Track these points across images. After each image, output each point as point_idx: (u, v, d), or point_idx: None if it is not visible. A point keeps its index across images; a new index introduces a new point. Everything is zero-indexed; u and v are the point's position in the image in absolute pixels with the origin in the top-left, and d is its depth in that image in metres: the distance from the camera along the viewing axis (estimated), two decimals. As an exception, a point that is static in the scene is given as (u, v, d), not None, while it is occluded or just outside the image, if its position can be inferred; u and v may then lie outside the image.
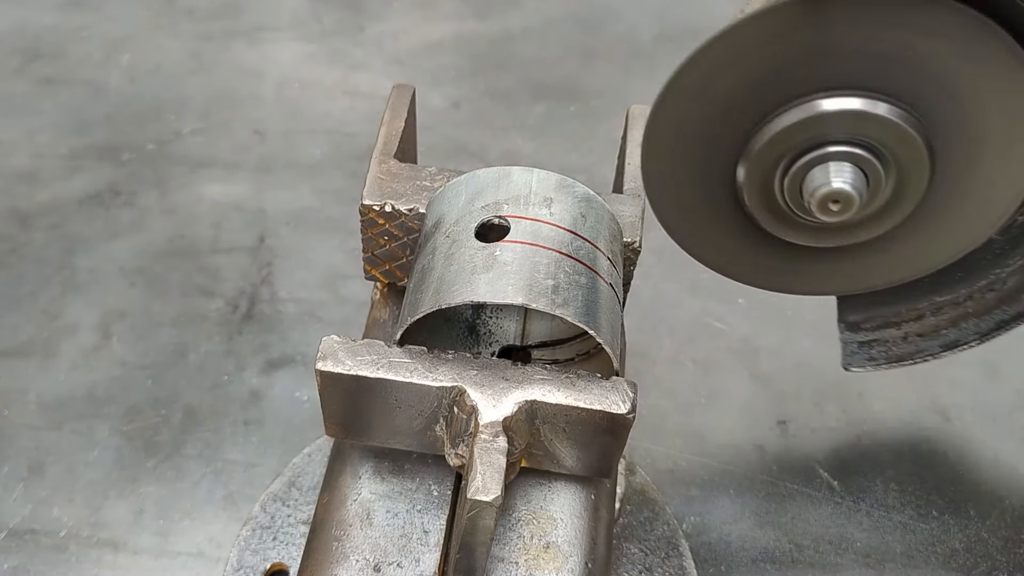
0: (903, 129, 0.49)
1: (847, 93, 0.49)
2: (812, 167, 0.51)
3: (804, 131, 0.50)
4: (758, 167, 0.53)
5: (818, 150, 0.51)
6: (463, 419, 0.64)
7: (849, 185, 0.50)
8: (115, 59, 1.56)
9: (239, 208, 1.32)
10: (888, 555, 0.99)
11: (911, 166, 0.51)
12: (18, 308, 1.17)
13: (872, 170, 0.51)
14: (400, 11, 1.72)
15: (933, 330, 0.65)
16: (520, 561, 0.68)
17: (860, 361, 0.69)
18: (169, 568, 0.95)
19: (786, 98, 0.50)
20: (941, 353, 0.66)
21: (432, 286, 0.65)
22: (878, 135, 0.50)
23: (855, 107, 0.49)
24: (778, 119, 0.50)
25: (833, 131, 0.50)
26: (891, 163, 0.51)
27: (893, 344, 0.68)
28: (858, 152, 0.50)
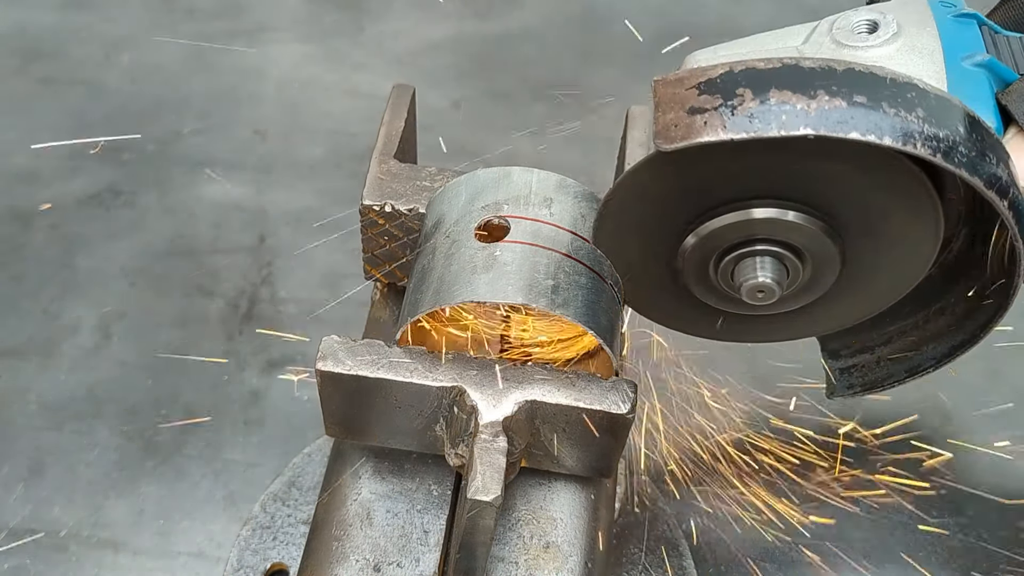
0: (814, 232, 0.58)
1: (773, 203, 0.57)
2: (741, 260, 0.60)
3: (736, 231, 0.59)
4: (695, 256, 0.61)
5: (747, 247, 0.59)
6: (463, 419, 0.64)
7: (771, 279, 0.59)
8: (115, 59, 1.56)
9: (239, 208, 1.32)
10: (888, 555, 0.99)
11: (823, 258, 0.60)
12: (18, 308, 1.17)
13: (791, 263, 0.59)
14: (400, 11, 1.72)
15: (900, 353, 0.70)
16: (520, 561, 0.68)
17: (841, 389, 0.73)
18: (169, 568, 0.95)
19: (725, 200, 0.58)
20: (906, 378, 0.69)
21: (432, 286, 0.65)
22: (793, 236, 0.58)
23: (772, 215, 0.57)
24: (715, 219, 0.59)
25: (760, 231, 0.59)
26: (807, 256, 0.59)
27: (868, 369, 0.72)
28: (778, 250, 0.59)
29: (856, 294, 0.64)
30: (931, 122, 0.51)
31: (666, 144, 0.52)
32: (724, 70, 0.52)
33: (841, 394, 0.73)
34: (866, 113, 0.50)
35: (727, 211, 0.58)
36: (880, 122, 0.50)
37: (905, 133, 0.50)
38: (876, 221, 0.58)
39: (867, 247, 0.60)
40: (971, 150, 0.51)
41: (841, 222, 0.58)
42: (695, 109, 0.51)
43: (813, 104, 0.50)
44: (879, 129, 0.50)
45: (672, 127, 0.52)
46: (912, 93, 0.51)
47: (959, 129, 0.52)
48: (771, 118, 0.50)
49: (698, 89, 0.52)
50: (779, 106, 0.50)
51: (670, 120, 0.52)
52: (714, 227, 0.58)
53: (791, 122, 0.50)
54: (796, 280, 0.60)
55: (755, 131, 0.50)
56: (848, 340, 0.72)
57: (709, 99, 0.51)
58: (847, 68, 0.52)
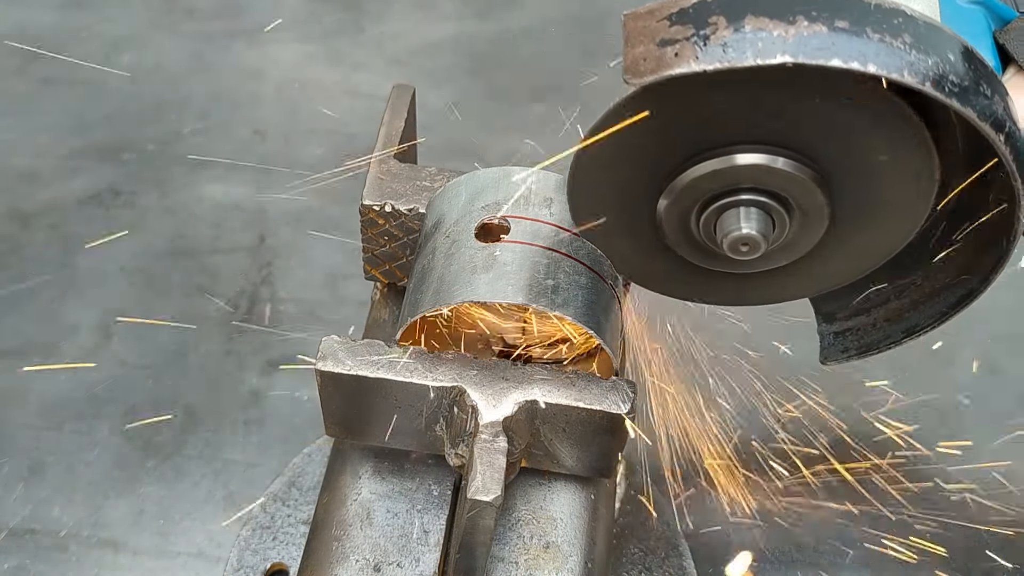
0: (801, 180, 0.54)
1: (757, 149, 0.54)
2: (724, 211, 0.56)
3: (717, 180, 0.55)
4: (675, 209, 0.57)
5: (729, 196, 0.56)
6: (463, 419, 0.64)
7: (756, 230, 0.55)
8: (115, 59, 1.56)
9: (239, 208, 1.32)
10: (888, 555, 0.99)
11: (811, 209, 0.56)
12: (18, 308, 1.17)
13: (777, 215, 0.56)
14: (400, 11, 1.72)
15: (897, 314, 0.66)
16: (520, 561, 0.68)
17: (835, 353, 0.70)
18: (169, 568, 0.95)
19: (705, 148, 0.55)
20: (903, 339, 0.66)
21: (432, 286, 0.65)
22: (780, 184, 0.55)
23: (759, 161, 0.54)
24: (697, 167, 0.55)
25: (743, 180, 0.55)
26: (794, 207, 0.56)
27: (864, 332, 0.69)
28: (763, 200, 0.55)
29: (849, 249, 0.61)
30: (919, 49, 0.47)
31: (634, 79, 0.49)
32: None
33: (835, 359, 0.70)
34: (849, 39, 0.47)
35: (708, 158, 0.55)
36: (864, 48, 0.47)
37: (891, 60, 0.47)
38: (867, 168, 0.55)
39: (858, 197, 0.56)
40: (963, 80, 0.48)
41: (830, 169, 0.55)
42: (666, 41, 0.49)
43: (791, 30, 0.47)
44: (863, 56, 0.47)
45: (641, 61, 0.49)
46: (899, 19, 0.48)
47: (949, 57, 0.48)
48: (746, 46, 0.47)
49: (669, 20, 0.49)
50: (755, 33, 0.47)
51: (639, 54, 0.49)
52: (695, 175, 0.55)
53: (768, 50, 0.47)
54: (783, 233, 0.57)
55: (729, 61, 0.47)
56: (845, 301, 0.69)
57: (681, 29, 0.49)
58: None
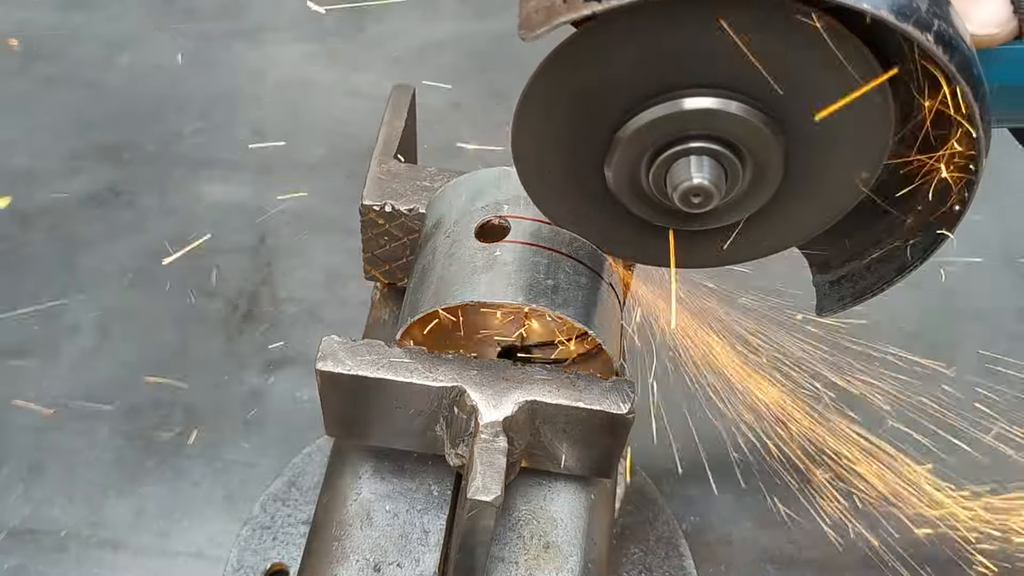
0: (755, 125, 0.52)
1: (705, 92, 0.52)
2: (673, 161, 0.54)
3: (665, 126, 0.53)
4: (624, 160, 0.55)
5: (679, 144, 0.53)
6: (463, 419, 0.64)
7: (708, 180, 0.53)
8: (115, 59, 1.56)
9: (239, 208, 1.32)
10: (889, 556, 0.99)
11: (766, 158, 0.54)
12: (18, 308, 1.17)
13: (730, 164, 0.54)
14: (400, 11, 1.72)
15: (889, 253, 0.65)
16: (520, 561, 0.68)
17: (831, 304, 0.68)
18: (169, 568, 0.95)
19: (650, 94, 0.52)
20: (895, 278, 0.64)
21: (432, 286, 0.65)
22: (733, 131, 0.53)
23: (709, 105, 0.52)
24: (642, 114, 0.53)
25: (692, 127, 0.53)
26: (747, 156, 0.54)
27: (859, 277, 0.67)
28: (716, 148, 0.53)
29: (811, 197, 0.58)
30: None
31: (527, 32, 0.48)
32: None
33: (831, 308, 0.68)
34: None
35: (655, 104, 0.52)
36: None
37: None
38: (815, 101, 0.52)
39: (811, 135, 0.54)
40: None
41: (779, 109, 0.53)
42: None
43: None
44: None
45: (533, 14, 0.48)
46: None
47: None
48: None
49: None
50: None
51: (531, 7, 0.48)
52: (640, 123, 0.53)
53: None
54: (736, 182, 0.55)
55: None
56: (840, 247, 0.67)
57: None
58: None
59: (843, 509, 1.02)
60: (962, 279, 1.27)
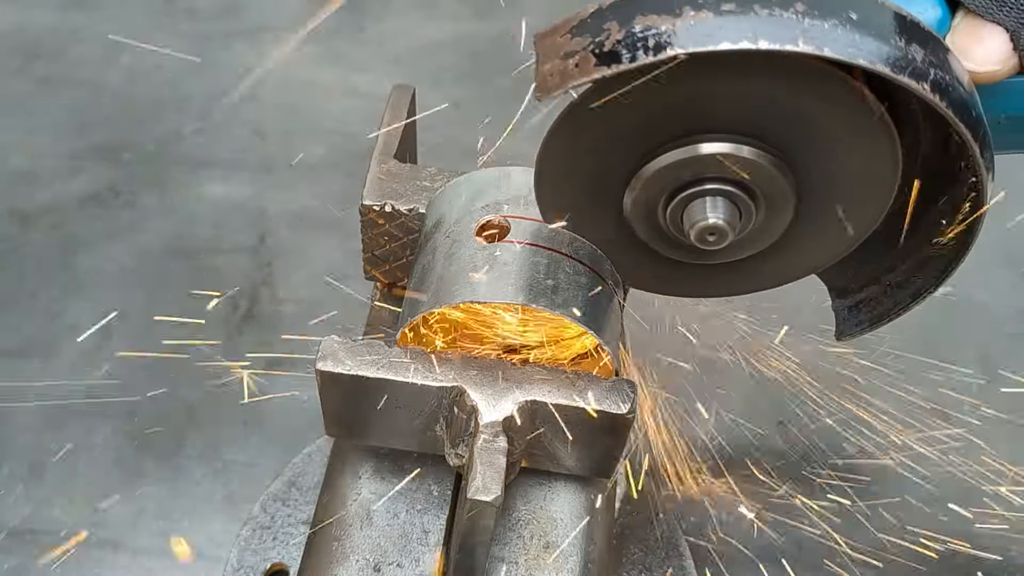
0: (767, 169, 0.55)
1: (720, 138, 0.54)
2: (690, 201, 0.57)
3: (682, 169, 0.56)
4: (642, 201, 0.58)
5: (696, 186, 0.56)
6: (463, 419, 0.64)
7: (723, 220, 0.56)
8: (115, 59, 1.56)
9: (239, 208, 1.32)
10: (889, 556, 0.99)
11: (776, 194, 0.57)
12: (18, 308, 1.17)
13: (744, 204, 0.57)
14: (400, 11, 1.72)
15: (905, 279, 0.67)
16: (520, 561, 0.68)
17: (850, 328, 0.70)
18: (169, 568, 0.95)
19: (666, 140, 0.55)
20: (911, 303, 0.66)
21: (432, 286, 0.65)
22: (743, 172, 0.55)
23: (722, 149, 0.55)
24: (660, 158, 0.56)
25: (707, 169, 0.56)
26: (759, 195, 0.57)
27: (876, 302, 0.69)
28: (730, 189, 0.56)
29: (823, 231, 0.61)
30: (812, 15, 0.47)
31: (543, 95, 0.51)
32: (594, 8, 0.51)
33: (850, 333, 0.70)
34: (736, 20, 0.47)
35: (672, 148, 0.55)
36: (753, 25, 0.47)
37: (783, 32, 0.47)
38: (829, 150, 0.55)
39: (824, 180, 0.57)
40: (868, 35, 0.47)
41: (794, 155, 0.55)
42: (568, 53, 0.50)
43: (678, 22, 0.48)
44: (752, 33, 0.47)
45: (548, 77, 0.51)
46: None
47: (851, 16, 0.47)
48: (637, 45, 0.48)
49: (571, 33, 0.51)
50: (644, 32, 0.48)
51: (547, 70, 0.51)
52: (658, 167, 0.56)
53: (657, 46, 0.48)
54: (750, 220, 0.57)
55: (625, 64, 0.48)
56: (857, 272, 0.69)
57: (580, 40, 0.50)
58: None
59: (843, 509, 1.02)
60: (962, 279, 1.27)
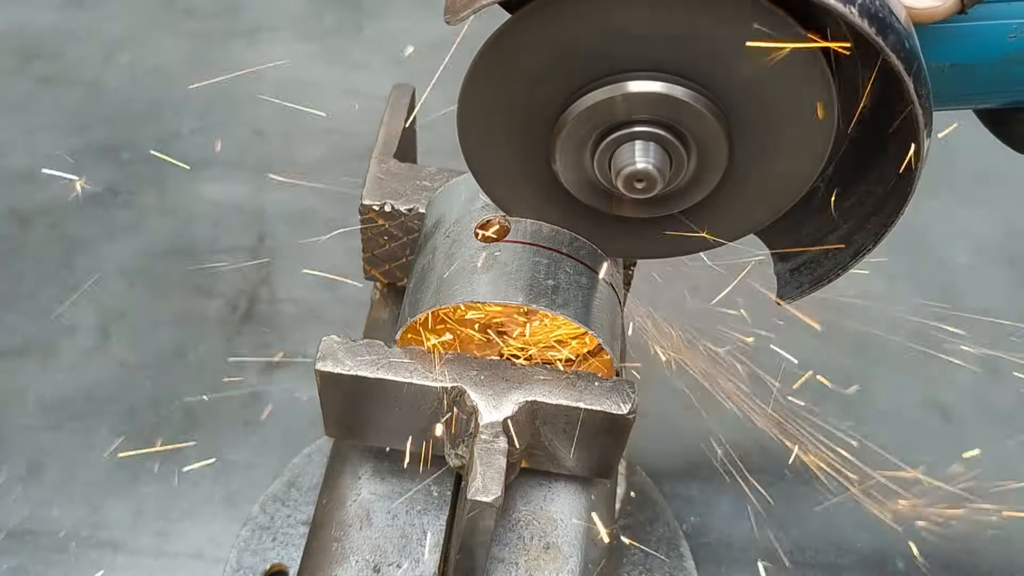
0: (696, 109, 0.52)
1: (647, 76, 0.51)
2: (618, 145, 0.54)
3: (609, 109, 0.52)
4: (568, 144, 0.55)
5: (624, 129, 0.53)
6: (463, 419, 0.64)
7: (652, 165, 0.53)
8: (115, 59, 1.56)
9: (239, 208, 1.32)
10: (889, 556, 0.99)
11: (710, 145, 0.54)
12: (18, 308, 1.17)
13: (674, 150, 0.53)
14: (400, 11, 1.72)
15: (846, 238, 0.64)
16: (520, 562, 0.68)
17: (791, 291, 0.68)
18: (169, 568, 0.95)
19: (593, 77, 0.52)
20: (850, 262, 0.64)
21: (432, 286, 0.65)
22: (678, 117, 0.52)
23: (654, 89, 0.51)
24: (585, 97, 0.52)
25: (638, 111, 0.52)
26: (691, 143, 0.53)
27: (816, 263, 0.66)
28: (660, 133, 0.53)
29: (759, 183, 0.58)
30: None
31: (452, 16, 0.49)
32: None
33: (791, 295, 0.67)
34: None
35: (597, 86, 0.52)
36: None
37: None
38: (754, 82, 0.52)
39: (754, 118, 0.54)
40: None
41: (720, 93, 0.52)
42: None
43: None
44: None
45: None
46: None
47: None
48: None
49: None
50: None
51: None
52: (584, 106, 0.52)
53: None
54: (681, 169, 0.54)
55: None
56: (798, 234, 0.66)
57: None
58: None
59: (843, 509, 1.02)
60: (962, 279, 1.27)
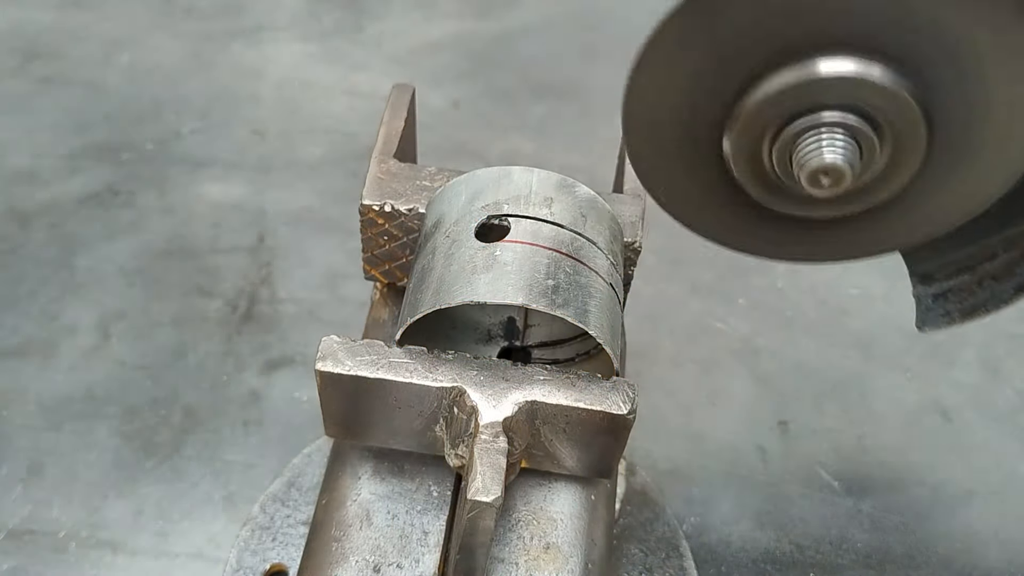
0: (901, 96, 0.45)
1: (841, 53, 0.45)
2: (802, 135, 0.47)
3: (794, 96, 0.46)
4: (745, 134, 0.48)
5: (809, 116, 0.47)
6: (463, 419, 0.64)
7: (841, 158, 0.46)
8: (115, 59, 1.56)
9: (239, 208, 1.32)
10: (888, 555, 0.99)
11: (907, 136, 0.47)
12: (18, 308, 1.17)
13: (866, 140, 0.47)
14: (400, 11, 1.72)
15: (1006, 269, 0.58)
16: (520, 562, 0.68)
17: (935, 319, 0.62)
18: (168, 568, 0.95)
19: (775, 59, 0.45)
20: (1013, 298, 0.58)
21: (432, 286, 0.65)
22: (874, 101, 0.46)
23: (848, 71, 0.45)
24: (767, 82, 0.46)
25: (826, 96, 0.46)
26: (886, 132, 0.47)
27: (968, 292, 0.60)
28: (851, 121, 0.46)
29: (946, 189, 0.51)
30: None
31: None
32: None
33: (935, 325, 0.61)
34: None
35: (783, 68, 0.45)
36: None
37: None
38: (972, 75, 0.45)
39: (962, 122, 0.47)
40: None
41: (930, 81, 0.45)
42: None
43: None
44: None
45: None
46: None
47: None
48: None
49: None
50: None
51: None
52: (767, 92, 0.46)
53: None
54: (871, 163, 0.47)
55: None
56: (947, 258, 0.60)
57: None
58: None
59: (843, 509, 1.02)
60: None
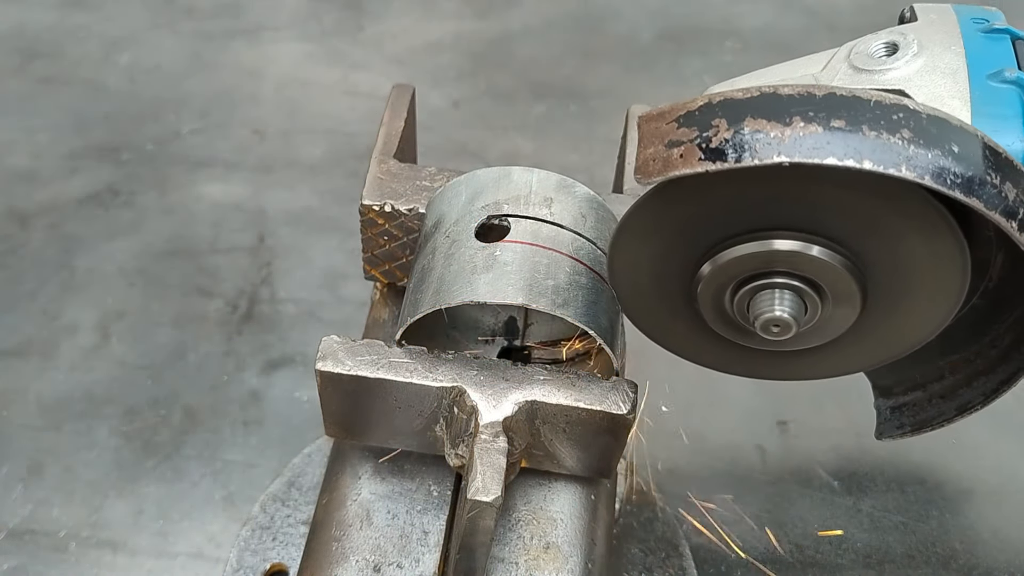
0: (837, 269, 0.56)
1: (793, 235, 0.56)
2: (757, 292, 0.59)
3: (753, 261, 0.57)
4: (712, 285, 0.59)
5: (764, 278, 0.58)
6: (463, 419, 0.64)
7: (788, 313, 0.57)
8: (115, 59, 1.56)
9: (239, 208, 1.32)
10: (888, 555, 0.99)
11: (844, 295, 0.58)
12: (17, 308, 1.17)
13: (810, 299, 0.58)
14: (400, 11, 1.72)
15: (951, 391, 0.68)
16: (520, 562, 0.68)
17: (891, 429, 0.71)
18: (168, 568, 0.95)
19: (731, 236, 0.57)
20: (955, 417, 0.67)
21: (432, 286, 0.65)
22: (815, 270, 0.57)
23: (794, 248, 0.56)
24: (734, 248, 0.57)
25: (778, 264, 0.57)
26: (827, 292, 0.58)
27: (919, 408, 0.70)
28: (796, 284, 0.57)
29: (883, 331, 0.62)
30: (919, 143, 0.48)
31: (644, 179, 0.52)
32: (703, 102, 0.52)
33: (891, 435, 0.71)
34: (844, 137, 0.48)
35: (747, 240, 0.57)
36: (860, 146, 0.48)
37: (887, 156, 0.48)
38: (898, 257, 0.56)
39: (891, 284, 0.58)
40: (968, 170, 0.49)
41: (863, 257, 0.57)
42: (673, 143, 0.51)
43: (787, 131, 0.49)
44: (858, 153, 0.48)
45: (651, 162, 0.52)
46: (899, 115, 0.49)
47: (953, 149, 0.49)
48: (744, 147, 0.50)
49: (677, 123, 0.52)
50: (752, 135, 0.49)
51: (649, 155, 0.52)
52: (733, 255, 0.57)
53: (764, 151, 0.49)
54: (815, 316, 0.59)
55: (730, 163, 0.50)
56: (903, 376, 0.70)
57: (686, 132, 0.51)
58: (828, 93, 0.50)
59: (843, 509, 1.02)
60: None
